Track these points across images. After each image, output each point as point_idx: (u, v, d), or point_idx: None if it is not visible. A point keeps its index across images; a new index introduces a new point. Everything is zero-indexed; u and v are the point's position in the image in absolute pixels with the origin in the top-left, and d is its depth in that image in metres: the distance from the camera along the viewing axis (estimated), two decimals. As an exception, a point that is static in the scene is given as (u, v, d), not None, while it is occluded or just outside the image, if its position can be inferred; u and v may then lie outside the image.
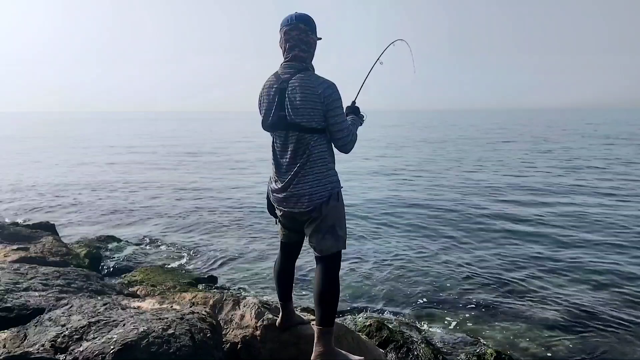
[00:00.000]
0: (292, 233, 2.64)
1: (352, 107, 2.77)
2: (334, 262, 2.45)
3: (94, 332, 2.24)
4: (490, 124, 61.78)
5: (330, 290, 2.41)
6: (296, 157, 2.39)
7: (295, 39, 2.39)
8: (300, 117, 2.33)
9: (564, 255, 6.34)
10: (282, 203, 2.48)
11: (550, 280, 5.43)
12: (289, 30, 2.39)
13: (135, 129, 55.51)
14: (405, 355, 3.50)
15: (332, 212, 2.41)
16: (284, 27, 2.40)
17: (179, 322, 2.39)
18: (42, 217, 8.66)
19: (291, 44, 2.39)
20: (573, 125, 54.62)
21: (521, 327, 4.32)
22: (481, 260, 6.18)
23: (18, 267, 3.59)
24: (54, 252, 5.15)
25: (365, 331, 3.74)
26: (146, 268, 5.63)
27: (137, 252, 6.71)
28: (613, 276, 5.53)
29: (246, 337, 2.76)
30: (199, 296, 3.29)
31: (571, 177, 13.55)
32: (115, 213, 9.46)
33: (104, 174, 15.49)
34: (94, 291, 3.39)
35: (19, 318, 2.59)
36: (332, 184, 2.43)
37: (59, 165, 17.82)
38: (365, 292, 5.20)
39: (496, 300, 4.92)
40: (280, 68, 2.44)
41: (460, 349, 3.91)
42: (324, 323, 2.39)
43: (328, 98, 2.31)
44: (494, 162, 17.98)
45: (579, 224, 8.03)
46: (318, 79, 2.34)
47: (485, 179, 13.52)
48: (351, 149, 2.49)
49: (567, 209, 9.22)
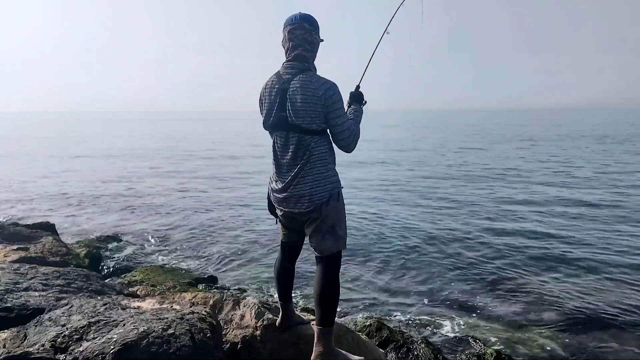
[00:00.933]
0: (293, 233, 2.64)
1: (356, 94, 2.70)
2: (334, 262, 2.45)
3: (94, 332, 2.24)
4: (489, 124, 61.77)
5: (330, 290, 2.41)
6: (296, 157, 2.39)
7: (299, 38, 2.38)
8: (301, 119, 2.33)
9: (564, 255, 6.34)
10: (283, 203, 2.48)
11: (551, 281, 5.43)
12: (293, 30, 2.38)
13: (135, 129, 55.53)
14: (405, 355, 3.50)
15: (332, 212, 2.41)
16: (288, 26, 2.39)
17: (179, 322, 2.39)
18: (42, 217, 8.67)
19: (295, 43, 2.38)
20: (573, 125, 54.60)
21: (521, 327, 4.33)
22: (481, 260, 6.18)
23: (18, 267, 3.59)
24: (54, 252, 5.15)
25: (365, 331, 3.74)
26: (146, 268, 5.63)
27: (137, 252, 6.71)
28: (614, 276, 5.53)
29: (246, 337, 2.76)
30: (199, 296, 3.29)
31: (572, 178, 13.56)
32: (115, 213, 9.47)
33: (104, 174, 15.49)
34: (94, 291, 3.39)
35: (19, 318, 2.59)
36: (332, 184, 2.43)
37: (59, 166, 17.82)
38: (366, 292, 5.20)
39: (496, 300, 4.92)
40: (282, 68, 2.43)
41: (460, 349, 3.91)
42: (324, 323, 2.39)
43: (329, 100, 2.30)
44: (495, 162, 17.98)
45: (580, 223, 8.03)
46: (319, 80, 2.33)
47: (484, 178, 13.53)
48: (354, 149, 2.47)
49: (567, 209, 9.23)
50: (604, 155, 19.98)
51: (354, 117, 2.57)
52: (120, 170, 16.57)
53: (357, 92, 2.71)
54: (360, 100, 2.69)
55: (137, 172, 15.92)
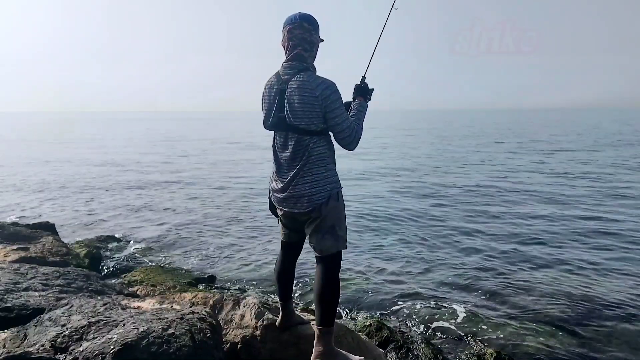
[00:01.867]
0: (293, 233, 2.64)
1: (361, 86, 2.60)
2: (334, 262, 2.46)
3: (94, 332, 2.24)
4: (489, 124, 61.75)
5: (330, 290, 2.41)
6: (295, 158, 2.39)
7: (298, 37, 2.37)
8: (299, 119, 2.33)
9: (564, 255, 6.34)
10: (282, 203, 2.48)
11: (551, 280, 5.43)
12: (292, 29, 2.37)
13: (135, 129, 55.51)
14: (405, 355, 3.50)
15: (331, 212, 2.41)
16: (288, 25, 2.39)
17: (179, 322, 2.39)
18: (42, 217, 8.67)
19: (294, 43, 2.38)
20: (571, 125, 54.58)
21: (521, 326, 4.32)
22: (481, 260, 6.17)
23: (18, 267, 3.59)
24: (54, 252, 5.15)
25: (365, 331, 3.74)
26: (146, 268, 5.64)
27: (137, 252, 6.71)
28: (614, 275, 5.53)
29: (246, 337, 2.77)
30: (199, 296, 3.30)
31: (574, 178, 13.56)
32: (115, 213, 9.46)
33: (104, 173, 15.49)
34: (94, 291, 3.39)
35: (19, 318, 2.59)
36: (332, 184, 2.43)
37: (59, 165, 17.81)
38: (366, 291, 5.20)
39: (496, 301, 4.92)
40: (281, 68, 2.43)
41: (460, 349, 3.91)
42: (324, 323, 2.40)
43: (326, 100, 2.29)
44: (495, 162, 17.98)
45: (581, 223, 8.03)
46: (317, 80, 2.31)
47: (484, 177, 13.53)
48: (355, 147, 2.42)
49: (569, 209, 9.23)
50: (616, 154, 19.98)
51: (356, 114, 2.50)
52: (120, 170, 16.56)
53: (362, 84, 2.61)
54: (365, 93, 2.59)
55: (137, 172, 15.91)
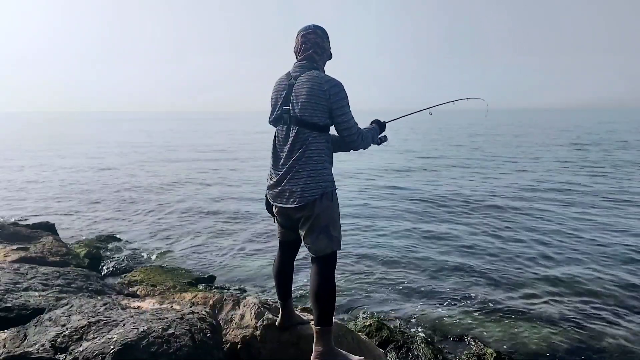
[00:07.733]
0: (289, 231, 2.64)
1: (380, 123, 2.87)
2: (329, 263, 2.46)
3: (94, 332, 2.24)
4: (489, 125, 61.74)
5: (325, 290, 2.41)
6: (293, 150, 2.44)
7: (312, 41, 2.52)
8: (304, 110, 2.39)
9: (564, 254, 6.34)
10: (277, 199, 2.50)
11: (551, 280, 5.43)
12: (306, 34, 2.53)
13: (135, 129, 55.50)
14: (405, 355, 3.50)
15: (325, 212, 2.42)
16: (302, 31, 2.55)
17: (179, 322, 2.39)
18: (42, 217, 8.67)
19: (307, 46, 2.52)
20: (568, 125, 54.62)
21: (521, 327, 4.32)
22: (481, 260, 6.17)
23: (18, 267, 3.59)
24: (54, 252, 5.15)
25: (365, 331, 3.74)
26: (146, 268, 5.64)
27: (137, 252, 6.71)
28: (615, 274, 5.53)
29: (246, 337, 2.77)
30: (199, 296, 3.30)
31: (574, 179, 13.55)
32: (115, 213, 9.46)
33: (105, 174, 15.49)
34: (94, 291, 3.39)
35: (19, 318, 2.59)
36: (326, 182, 2.45)
37: (59, 165, 17.81)
38: (365, 292, 5.19)
39: (496, 300, 4.92)
40: (292, 68, 2.55)
41: (460, 349, 3.91)
42: (321, 323, 2.40)
43: (334, 96, 2.40)
44: (494, 162, 17.98)
45: (581, 222, 8.03)
46: (326, 77, 2.44)
47: (485, 177, 13.52)
48: (359, 146, 2.59)
49: (568, 209, 9.23)
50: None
51: (368, 127, 2.76)
52: (121, 170, 16.56)
53: (382, 122, 2.89)
54: (382, 128, 2.85)
55: (138, 172, 15.91)
